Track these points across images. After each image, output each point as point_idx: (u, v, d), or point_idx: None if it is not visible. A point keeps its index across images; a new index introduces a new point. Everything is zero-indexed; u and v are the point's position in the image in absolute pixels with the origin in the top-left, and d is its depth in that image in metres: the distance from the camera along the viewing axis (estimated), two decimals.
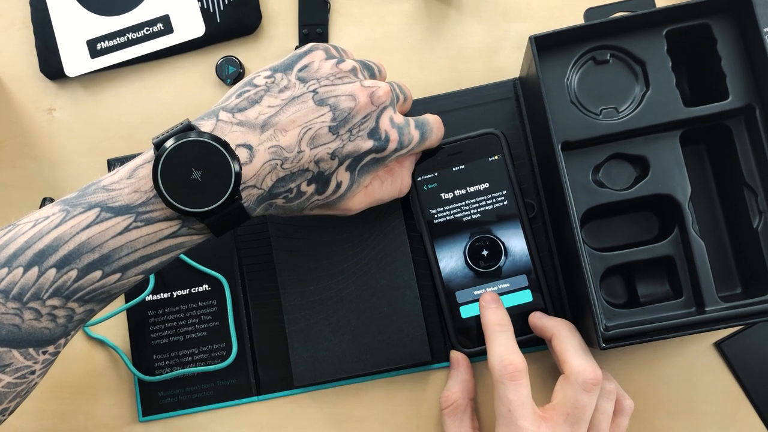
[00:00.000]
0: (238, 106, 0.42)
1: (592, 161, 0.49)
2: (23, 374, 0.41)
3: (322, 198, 0.45)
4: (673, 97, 0.48)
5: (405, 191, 0.51)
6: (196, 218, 0.40)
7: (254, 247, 0.55)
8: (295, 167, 0.42)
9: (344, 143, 0.43)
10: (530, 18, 0.56)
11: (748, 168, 0.48)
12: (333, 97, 0.43)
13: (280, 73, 0.43)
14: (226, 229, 0.42)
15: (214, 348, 0.55)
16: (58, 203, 0.41)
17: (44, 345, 0.41)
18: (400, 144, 0.45)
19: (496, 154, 0.53)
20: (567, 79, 0.49)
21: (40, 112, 0.59)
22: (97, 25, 0.58)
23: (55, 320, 0.40)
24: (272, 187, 0.42)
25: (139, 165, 0.41)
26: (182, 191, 0.39)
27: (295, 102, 0.42)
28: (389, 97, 0.44)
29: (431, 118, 0.49)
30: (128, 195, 0.40)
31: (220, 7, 0.57)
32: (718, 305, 0.47)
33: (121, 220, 0.40)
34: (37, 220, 0.40)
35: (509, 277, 0.52)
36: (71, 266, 0.39)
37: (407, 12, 0.57)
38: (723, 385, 0.52)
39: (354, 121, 0.43)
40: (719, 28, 0.48)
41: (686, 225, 0.48)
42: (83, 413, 0.56)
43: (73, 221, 0.40)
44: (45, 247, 0.39)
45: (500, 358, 0.46)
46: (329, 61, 0.44)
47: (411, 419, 0.54)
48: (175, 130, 0.40)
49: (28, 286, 0.39)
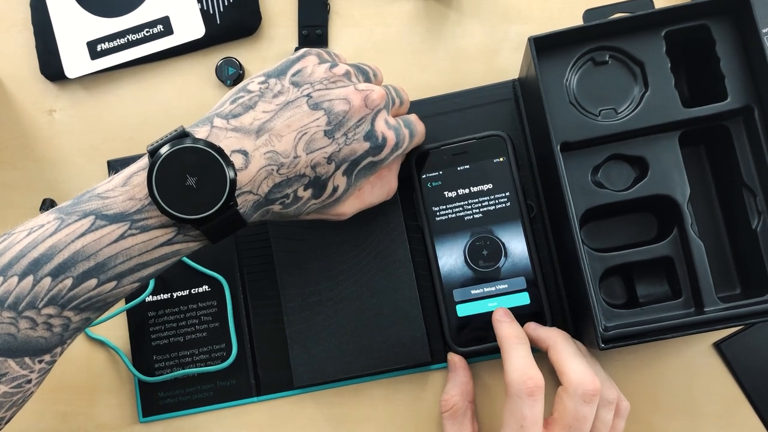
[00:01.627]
0: (232, 112, 0.42)
1: (591, 162, 0.49)
2: (19, 383, 0.41)
3: (319, 201, 0.45)
4: (672, 97, 0.48)
5: (392, 194, 0.51)
6: (192, 225, 0.40)
7: (254, 248, 0.55)
8: (291, 172, 0.42)
9: (340, 147, 0.43)
10: (530, 19, 0.56)
11: (746, 169, 0.48)
12: (327, 101, 0.42)
13: (274, 78, 0.43)
14: (223, 236, 0.42)
15: (214, 349, 0.55)
16: (53, 211, 0.41)
17: (40, 354, 0.41)
18: (397, 145, 0.46)
19: (501, 156, 0.53)
20: (566, 80, 0.49)
21: (41, 113, 0.59)
22: (98, 26, 0.58)
23: (51, 329, 0.40)
24: (269, 193, 0.42)
25: (133, 172, 0.41)
26: (177, 198, 0.39)
27: (290, 107, 0.42)
28: (383, 99, 0.44)
29: (412, 116, 0.50)
30: (123, 202, 0.40)
31: (220, 8, 0.57)
32: (717, 306, 0.47)
33: (116, 228, 0.40)
34: (32, 229, 0.40)
35: (508, 279, 0.52)
36: (66, 275, 0.39)
37: (407, 13, 0.57)
38: (722, 385, 0.53)
39: (349, 124, 0.43)
40: (718, 29, 0.48)
41: (685, 225, 0.48)
42: (84, 414, 0.56)
43: (68, 229, 0.39)
44: (40, 256, 0.39)
45: (520, 372, 0.45)
46: (322, 66, 0.44)
47: (411, 420, 0.54)
48: (170, 137, 0.40)
49: (23, 295, 0.39)
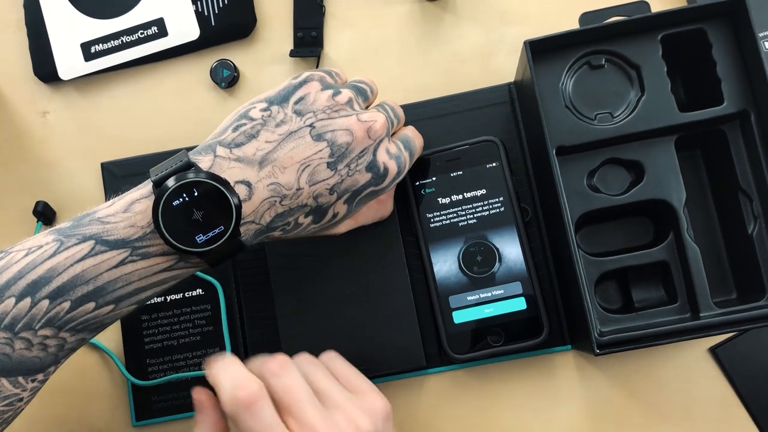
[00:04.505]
0: (235, 140, 0.42)
1: (586, 166, 0.49)
2: (11, 402, 0.41)
3: (318, 226, 0.45)
4: (668, 102, 0.48)
5: (386, 216, 0.52)
6: (194, 254, 0.40)
7: (248, 252, 0.55)
8: (293, 203, 0.42)
9: (342, 178, 0.43)
10: (526, 22, 0.56)
11: (743, 173, 0.48)
12: (330, 132, 0.42)
13: (276, 105, 0.43)
14: (223, 261, 0.42)
15: (208, 352, 0.55)
16: (51, 232, 0.41)
17: (34, 373, 0.41)
18: (398, 173, 0.45)
19: (494, 161, 0.52)
20: (562, 83, 0.49)
21: (34, 115, 0.59)
22: (92, 28, 0.57)
23: (46, 349, 0.40)
24: (270, 222, 0.42)
25: (135, 199, 0.40)
26: (183, 232, 0.39)
27: (293, 137, 0.42)
28: (385, 129, 0.44)
29: (410, 131, 0.49)
30: (124, 229, 0.40)
31: (215, 10, 0.57)
32: (713, 311, 0.47)
33: (116, 254, 0.39)
34: (30, 249, 0.40)
35: (503, 284, 0.51)
36: (64, 298, 0.39)
37: (402, 15, 0.57)
38: (718, 390, 0.52)
39: (352, 155, 0.43)
40: (714, 33, 0.48)
41: (681, 230, 0.48)
42: (76, 418, 0.56)
43: (67, 252, 0.39)
44: (38, 278, 0.39)
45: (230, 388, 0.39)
46: (325, 93, 0.43)
47: (405, 424, 0.54)
48: (174, 168, 0.40)
49: (20, 316, 0.39)
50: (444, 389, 0.54)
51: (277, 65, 0.58)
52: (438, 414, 0.54)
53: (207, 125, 0.57)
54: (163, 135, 0.57)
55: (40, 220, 0.56)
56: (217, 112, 0.57)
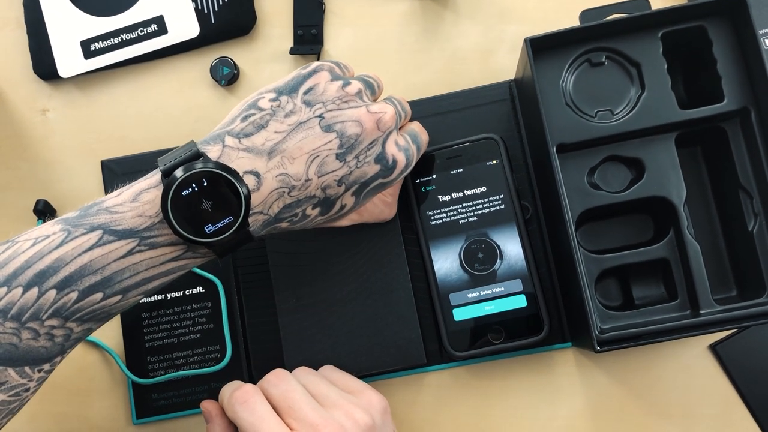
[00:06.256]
0: (244, 130, 0.41)
1: (587, 163, 0.49)
2: (17, 392, 0.41)
3: (325, 218, 0.45)
4: (668, 99, 0.48)
5: (389, 218, 0.52)
6: (203, 245, 0.40)
7: (249, 249, 0.55)
8: (302, 194, 0.42)
9: (351, 170, 0.42)
10: (526, 19, 0.56)
11: (743, 170, 0.48)
12: (339, 123, 0.42)
13: (285, 95, 0.42)
14: (230, 252, 0.42)
15: (208, 350, 0.55)
16: (58, 222, 0.40)
17: (40, 363, 0.41)
18: (407, 166, 0.45)
19: (494, 159, 0.52)
20: (562, 81, 0.49)
21: (34, 113, 0.59)
22: (91, 25, 0.57)
23: (52, 339, 0.40)
24: (279, 213, 0.42)
25: (143, 189, 0.40)
26: (192, 221, 0.39)
27: (302, 128, 0.41)
28: (395, 121, 0.44)
29: (416, 126, 0.49)
30: (132, 219, 0.40)
31: (215, 7, 0.57)
32: (713, 308, 0.47)
33: (124, 244, 0.39)
34: (37, 239, 0.40)
35: (504, 281, 0.51)
36: (72, 288, 0.39)
37: (402, 13, 0.57)
38: (718, 387, 0.52)
39: (361, 147, 0.42)
40: (715, 31, 0.48)
41: (681, 227, 0.48)
42: (77, 415, 0.56)
43: (75, 242, 0.39)
44: (45, 268, 0.39)
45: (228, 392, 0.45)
46: (335, 84, 0.43)
47: (406, 422, 0.54)
48: (183, 157, 0.40)
49: (27, 306, 0.39)
50: (444, 387, 0.54)
51: (277, 63, 0.58)
52: (438, 411, 0.54)
53: (207, 123, 0.57)
54: (163, 133, 0.57)
55: (40, 219, 0.56)
56: (217, 110, 0.57)
